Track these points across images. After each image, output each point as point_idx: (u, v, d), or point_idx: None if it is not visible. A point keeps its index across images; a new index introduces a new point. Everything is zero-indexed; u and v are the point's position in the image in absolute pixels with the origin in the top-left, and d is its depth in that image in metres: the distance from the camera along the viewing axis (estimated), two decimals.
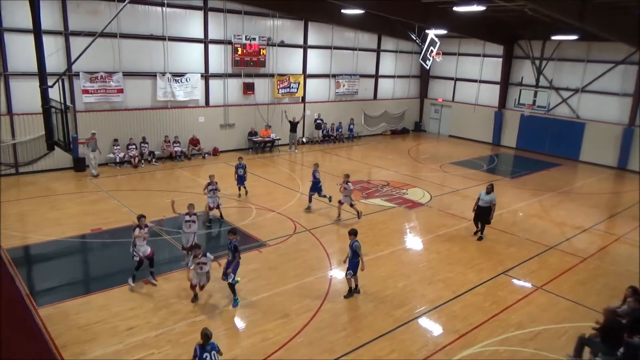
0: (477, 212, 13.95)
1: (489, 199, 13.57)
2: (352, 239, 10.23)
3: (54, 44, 17.54)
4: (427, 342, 8.92)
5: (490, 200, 13.56)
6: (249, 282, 10.85)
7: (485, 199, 13.61)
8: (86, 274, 11.73)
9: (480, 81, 30.09)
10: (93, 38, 12.85)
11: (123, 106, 20.29)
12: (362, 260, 10.23)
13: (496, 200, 13.78)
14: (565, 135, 26.48)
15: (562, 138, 26.60)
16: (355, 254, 10.17)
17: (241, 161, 16.61)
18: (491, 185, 13.80)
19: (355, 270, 10.26)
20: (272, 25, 24.17)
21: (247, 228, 13.98)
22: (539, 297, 10.85)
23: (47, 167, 18.64)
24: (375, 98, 30.75)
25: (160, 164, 20.84)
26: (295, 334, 8.91)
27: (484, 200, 13.64)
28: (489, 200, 13.58)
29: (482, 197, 13.70)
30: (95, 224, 13.74)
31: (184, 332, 8.83)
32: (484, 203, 13.65)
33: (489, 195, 13.59)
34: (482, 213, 13.78)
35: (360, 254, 10.17)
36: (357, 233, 10.40)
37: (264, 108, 24.89)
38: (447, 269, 12.04)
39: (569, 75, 26.15)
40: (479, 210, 13.86)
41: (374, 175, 21.14)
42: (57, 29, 17.93)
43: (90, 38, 13.01)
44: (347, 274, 10.29)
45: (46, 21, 15.81)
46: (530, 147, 27.89)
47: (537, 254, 13.28)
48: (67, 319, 9.05)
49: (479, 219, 13.95)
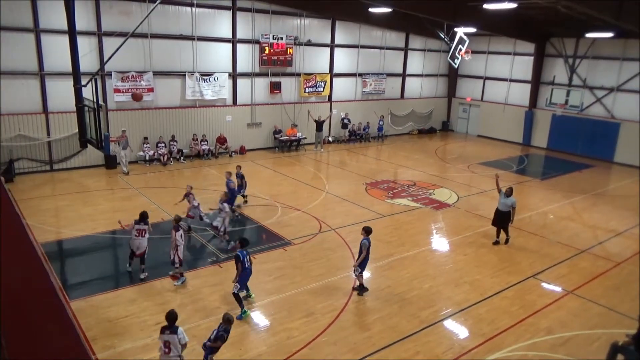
0: (496, 216, 13.51)
1: (510, 203, 13.13)
2: (365, 235, 10.38)
3: (87, 45, 18.03)
4: (453, 345, 8.81)
5: (511, 203, 13.12)
6: (275, 280, 10.93)
7: (506, 203, 13.16)
8: (116, 269, 12.01)
9: (510, 80, 29.49)
10: (125, 38, 13.16)
11: (153, 105, 20.71)
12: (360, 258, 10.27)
13: (516, 204, 13.26)
14: (599, 136, 25.71)
15: (596, 138, 25.84)
16: (363, 251, 10.27)
17: (240, 170, 15.63)
18: (510, 189, 13.32)
19: (363, 267, 10.39)
20: (300, 24, 24.24)
21: (272, 226, 14.07)
22: (569, 302, 10.58)
23: (80, 164, 19.18)
24: (402, 97, 30.50)
25: (188, 162, 21.17)
26: (319, 333, 8.93)
27: (503, 204, 13.22)
28: (509, 204, 13.17)
29: (502, 200, 13.26)
30: (125, 220, 14.02)
31: (210, 327, 8.90)
32: (504, 207, 13.22)
33: (508, 198, 13.14)
34: (502, 217, 13.37)
35: (363, 252, 10.23)
36: (371, 232, 10.45)
37: (290, 107, 25.00)
38: (474, 271, 11.86)
39: (604, 74, 25.37)
40: (497, 214, 13.44)
41: (401, 175, 20.98)
42: (90, 30, 18.42)
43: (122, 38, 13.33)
44: (356, 270, 10.43)
45: (80, 22, 16.29)
46: (562, 147, 27.19)
47: (568, 257, 12.95)
48: (97, 313, 9.30)
49: (498, 223, 13.49)
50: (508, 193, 13.20)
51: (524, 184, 20.36)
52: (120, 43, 13.03)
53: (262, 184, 18.31)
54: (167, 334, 7.08)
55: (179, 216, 11.34)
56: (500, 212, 13.35)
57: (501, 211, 13.32)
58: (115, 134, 19.03)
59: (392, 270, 11.68)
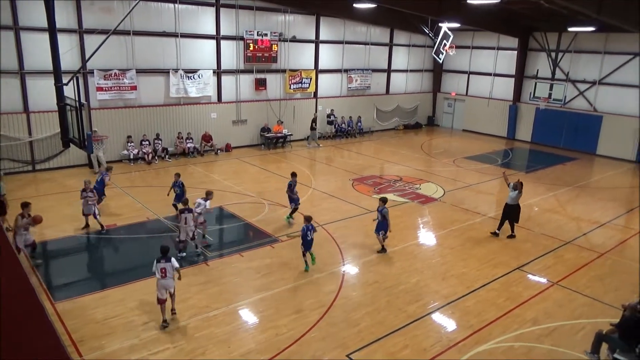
0: (505, 210, 13.76)
1: (514, 196, 13.42)
2: (382, 205, 12.14)
3: (68, 42, 17.75)
4: (441, 338, 8.90)
5: (516, 196, 13.40)
6: (263, 277, 10.92)
7: (512, 196, 13.47)
8: (102, 269, 11.90)
9: (494, 74, 29.76)
10: (107, 36, 12.99)
11: (137, 103, 20.49)
12: (390, 223, 12.13)
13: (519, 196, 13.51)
14: (582, 129, 26.10)
15: (579, 131, 26.23)
16: (384, 218, 12.01)
17: (178, 179, 14.17)
18: (516, 183, 13.53)
19: (385, 230, 12.13)
20: (284, 20, 24.16)
21: (259, 224, 14.04)
22: (555, 292, 10.75)
23: (62, 164, 18.92)
24: (387, 93, 30.60)
25: (173, 160, 21.02)
26: (308, 329, 8.96)
27: (512, 198, 13.50)
28: (514, 197, 13.44)
29: (510, 194, 13.56)
30: (110, 220, 13.92)
31: (198, 326, 8.93)
32: (512, 200, 13.51)
33: (514, 192, 13.42)
34: (510, 211, 13.62)
35: (388, 219, 12.05)
36: (387, 201, 12.37)
37: (276, 104, 24.94)
38: (461, 264, 11.98)
39: (586, 68, 25.74)
40: (506, 207, 13.70)
41: (387, 170, 21.08)
42: (71, 27, 18.14)
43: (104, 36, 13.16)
44: (380, 233, 12.20)
45: (61, 19, 16.07)
46: (546, 141, 27.55)
47: (553, 249, 13.15)
48: (84, 314, 9.20)
49: (507, 217, 13.73)
50: (515, 187, 13.44)
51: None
52: (102, 40, 12.87)
53: (248, 181, 18.26)
54: (163, 262, 8.94)
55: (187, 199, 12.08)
56: (508, 205, 13.60)
57: (509, 205, 13.57)
58: (98, 133, 18.89)
59: (379, 265, 11.74)
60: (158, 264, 8.94)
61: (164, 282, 8.95)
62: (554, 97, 25.75)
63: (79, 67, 15.65)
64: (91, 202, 13.06)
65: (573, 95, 26.28)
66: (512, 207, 13.54)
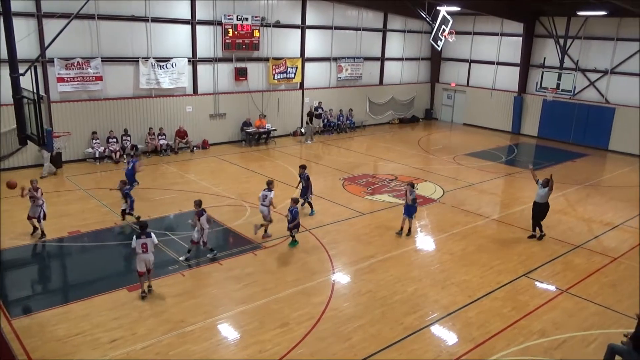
0: (533, 209, 14.10)
1: (543, 193, 13.73)
2: (411, 189, 13.69)
3: (25, 27, 17.52)
4: (441, 352, 8.97)
5: (545, 194, 13.72)
6: (245, 288, 10.90)
7: (540, 194, 13.79)
8: (65, 281, 11.79)
9: (497, 63, 30.05)
10: (68, 20, 12.86)
11: (102, 95, 20.33)
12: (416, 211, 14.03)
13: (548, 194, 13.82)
14: (593, 122, 26.48)
15: (590, 125, 26.60)
16: (414, 201, 13.65)
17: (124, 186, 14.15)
18: (546, 180, 13.80)
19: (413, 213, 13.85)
20: (267, 4, 24.12)
21: (240, 229, 14.02)
22: (564, 301, 10.89)
23: (20, 164, 18.68)
24: (381, 83, 30.74)
25: (144, 159, 20.88)
26: (295, 345, 8.96)
27: (540, 195, 13.83)
28: (543, 195, 13.74)
29: (538, 191, 13.90)
30: (73, 226, 13.80)
31: (172, 343, 8.88)
32: (540, 198, 13.84)
33: (544, 188, 13.72)
34: (538, 209, 13.98)
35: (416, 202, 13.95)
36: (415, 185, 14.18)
37: (258, 96, 24.91)
38: (462, 271, 12.08)
39: (597, 56, 26.10)
40: (534, 206, 14.05)
41: (381, 169, 21.17)
42: (28, 11, 17.92)
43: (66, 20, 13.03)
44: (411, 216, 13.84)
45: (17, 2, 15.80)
46: (554, 135, 27.90)
47: (562, 253, 13.32)
48: (44, 331, 9.10)
49: (535, 216, 14.08)
50: (544, 183, 13.72)
51: (514, 176, 20.81)
52: (63, 26, 12.73)
53: (228, 182, 18.22)
54: (144, 238, 10.17)
55: (200, 200, 12.01)
56: (536, 203, 13.98)
57: (538, 203, 13.93)
58: (60, 129, 18.69)
59: (373, 273, 11.79)
60: (138, 239, 10.11)
61: (145, 257, 10.18)
62: (563, 87, 25.99)
63: (38, 56, 15.46)
64: (38, 204, 12.89)
65: (583, 85, 26.63)
66: (542, 206, 13.89)
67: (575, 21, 26.31)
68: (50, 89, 18.74)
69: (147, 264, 10.24)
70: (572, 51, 26.75)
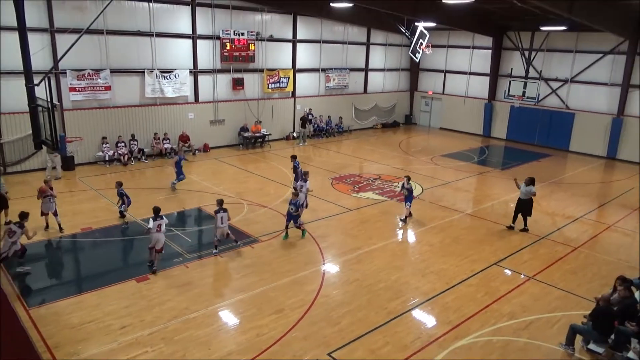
0: (517, 204, 14.34)
1: (526, 191, 13.95)
2: (406, 182, 14.51)
3: (40, 42, 17.35)
4: (421, 334, 8.99)
5: (528, 192, 13.93)
6: (243, 278, 10.86)
7: (523, 191, 14.01)
8: (78, 273, 11.66)
9: (470, 73, 30.20)
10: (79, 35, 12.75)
11: (111, 104, 20.13)
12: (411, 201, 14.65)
13: (534, 191, 14.03)
14: (555, 126, 26.71)
15: (552, 129, 26.83)
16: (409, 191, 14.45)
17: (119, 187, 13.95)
18: (530, 179, 14.06)
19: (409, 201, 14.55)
20: (261, 19, 24.05)
21: (239, 224, 13.95)
22: (531, 287, 10.97)
23: (35, 167, 18.45)
24: (365, 92, 30.76)
25: (150, 162, 20.73)
26: (289, 329, 8.94)
27: (523, 192, 14.04)
28: (527, 192, 13.95)
29: (522, 189, 14.10)
30: (85, 223, 13.66)
31: (177, 329, 8.83)
32: (523, 195, 14.05)
33: (527, 187, 13.95)
34: (522, 205, 14.16)
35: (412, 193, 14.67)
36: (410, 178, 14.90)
37: (254, 103, 24.82)
38: (440, 260, 12.12)
39: (558, 66, 26.33)
40: (518, 202, 14.26)
41: (366, 169, 21.19)
42: (42, 26, 17.71)
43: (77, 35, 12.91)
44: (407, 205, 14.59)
45: (31, 18, 15.64)
46: (520, 138, 28.10)
47: (529, 244, 13.42)
48: (59, 319, 9.00)
49: (519, 211, 14.27)
50: (527, 182, 14.01)
51: (485, 175, 20.94)
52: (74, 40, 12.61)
53: (227, 182, 18.13)
54: (159, 220, 10.96)
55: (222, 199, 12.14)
56: (520, 200, 14.21)
57: (521, 199, 14.17)
58: (72, 134, 18.50)
59: (360, 264, 11.80)
60: (154, 221, 10.93)
61: (158, 235, 10.96)
62: (528, 95, 26.21)
63: (51, 67, 15.35)
64: (52, 200, 12.81)
65: (546, 93, 26.85)
66: (524, 201, 14.10)
67: (539, 35, 26.52)
68: (63, 98, 18.51)
69: (158, 242, 10.89)
70: (536, 62, 26.96)
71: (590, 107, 25.33)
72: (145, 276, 10.72)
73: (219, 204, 12.10)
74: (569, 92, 26.18)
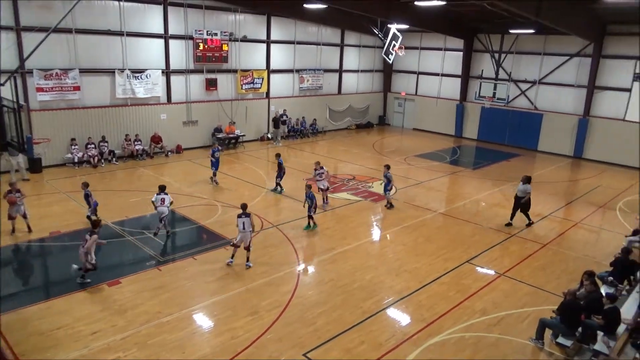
0: (514, 202, 14.94)
1: (524, 189, 14.53)
2: (386, 170, 15.66)
3: (5, 40, 16.83)
4: (395, 332, 9.09)
5: (524, 190, 14.57)
6: (218, 280, 10.76)
7: (521, 189, 14.60)
8: (47, 278, 11.36)
9: (442, 75, 30.66)
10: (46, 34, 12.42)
11: (80, 104, 19.66)
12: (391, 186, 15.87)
13: (530, 189, 14.61)
14: (524, 126, 27.35)
15: (521, 129, 27.46)
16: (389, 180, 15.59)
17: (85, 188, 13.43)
18: (526, 177, 14.73)
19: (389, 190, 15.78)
20: (234, 20, 23.88)
21: (212, 226, 13.83)
22: (501, 283, 11.20)
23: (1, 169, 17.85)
24: (339, 93, 30.89)
25: (121, 163, 20.33)
26: (264, 331, 8.91)
27: (519, 190, 14.71)
28: (523, 190, 14.59)
29: (519, 187, 14.73)
30: (54, 226, 13.31)
31: (150, 333, 8.69)
32: (520, 193, 14.69)
33: (524, 185, 14.53)
34: (518, 202, 14.78)
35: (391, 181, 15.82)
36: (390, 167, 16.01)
37: (228, 104, 24.62)
38: (414, 259, 12.27)
39: (527, 68, 26.97)
40: (515, 199, 14.91)
41: (340, 170, 21.27)
42: (8, 24, 17.17)
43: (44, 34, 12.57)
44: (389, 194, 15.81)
45: None
46: (491, 138, 28.67)
47: (499, 242, 13.70)
48: (27, 326, 8.75)
49: (517, 207, 14.86)
50: (524, 180, 14.65)
51: (457, 174, 21.29)
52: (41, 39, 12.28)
53: (201, 184, 17.93)
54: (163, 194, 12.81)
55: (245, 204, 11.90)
56: (517, 197, 14.84)
57: (518, 196, 14.79)
58: (39, 136, 18.00)
59: (334, 264, 11.84)
60: (158, 195, 12.72)
61: (161, 209, 12.63)
62: (498, 96, 26.85)
63: (17, 67, 14.89)
64: (20, 202, 12.48)
65: (515, 94, 27.47)
66: (520, 199, 14.72)
67: (508, 38, 27.12)
68: (29, 98, 17.99)
69: (162, 215, 12.54)
70: (506, 64, 27.56)
71: (558, 107, 26.04)
72: (116, 280, 10.52)
73: (242, 208, 11.68)
74: (537, 93, 26.85)
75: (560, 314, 8.58)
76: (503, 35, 27.16)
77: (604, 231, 15.14)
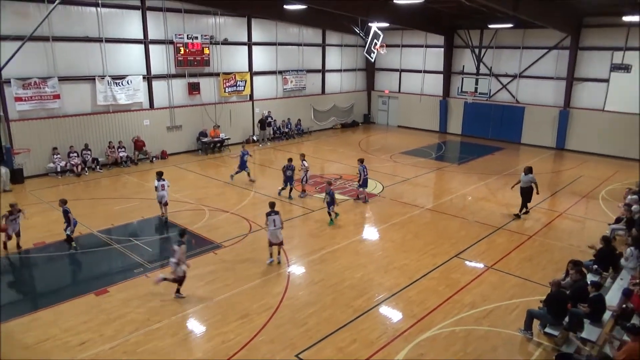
0: (521, 194, 15.22)
1: (528, 179, 14.82)
2: (360, 164, 15.98)
3: None
4: (387, 329, 9.12)
5: (529, 180, 14.87)
6: (207, 285, 10.69)
7: (525, 180, 14.87)
8: (32, 290, 11.16)
9: (424, 71, 30.85)
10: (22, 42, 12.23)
11: (61, 112, 19.38)
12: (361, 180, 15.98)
13: (535, 179, 14.94)
14: (507, 120, 27.65)
15: (504, 123, 27.75)
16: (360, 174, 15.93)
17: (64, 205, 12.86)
18: (528, 167, 15.09)
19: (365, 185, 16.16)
20: (214, 23, 23.76)
21: (200, 230, 13.74)
22: (489, 276, 11.31)
23: None
24: (323, 93, 30.91)
25: (105, 171, 20.09)
26: (256, 333, 8.87)
27: (524, 181, 15.01)
28: (527, 181, 14.90)
29: (522, 178, 15.11)
30: (38, 237, 13.11)
31: (139, 341, 8.60)
32: (524, 183, 15.00)
33: (527, 176, 14.82)
34: (524, 193, 15.09)
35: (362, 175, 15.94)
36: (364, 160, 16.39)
37: (212, 108, 24.48)
38: (403, 256, 12.32)
39: (507, 62, 27.26)
40: (522, 191, 15.17)
41: (327, 169, 21.28)
42: None
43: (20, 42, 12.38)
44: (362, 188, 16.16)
45: None
46: (475, 132, 28.93)
47: (486, 235, 13.83)
48: (13, 339, 8.59)
49: (522, 197, 15.20)
50: (526, 171, 15.00)
51: (443, 170, 21.44)
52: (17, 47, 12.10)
53: (187, 188, 17.79)
54: (162, 180, 14.11)
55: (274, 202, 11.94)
56: (522, 188, 15.16)
57: (523, 187, 15.13)
58: (19, 146, 17.72)
59: (324, 264, 11.84)
60: (159, 181, 14.08)
61: (161, 193, 14.04)
62: (480, 91, 27.09)
63: None
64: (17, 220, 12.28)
65: (497, 88, 27.75)
66: (525, 189, 15.05)
67: (487, 33, 27.38)
68: (8, 108, 17.69)
69: (162, 198, 13.98)
70: (486, 59, 27.83)
71: (539, 100, 26.37)
72: (104, 289, 10.39)
73: (271, 206, 11.69)
74: (518, 86, 27.15)
75: (547, 304, 8.69)
76: (482, 31, 27.43)
77: (588, 220, 15.37)
